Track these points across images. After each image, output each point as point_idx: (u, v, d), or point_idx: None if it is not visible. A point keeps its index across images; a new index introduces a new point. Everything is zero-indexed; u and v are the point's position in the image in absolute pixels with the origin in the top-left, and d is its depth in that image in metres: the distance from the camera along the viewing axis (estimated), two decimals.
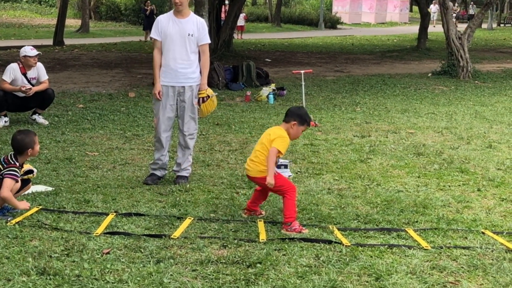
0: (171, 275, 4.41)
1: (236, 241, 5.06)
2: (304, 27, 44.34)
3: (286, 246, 4.97)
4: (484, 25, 46.84)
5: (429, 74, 18.00)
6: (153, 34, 6.85)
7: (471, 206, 6.24)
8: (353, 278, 4.47)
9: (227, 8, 24.51)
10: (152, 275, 4.39)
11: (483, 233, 5.45)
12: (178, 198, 6.20)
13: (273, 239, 5.15)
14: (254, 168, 5.54)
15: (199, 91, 6.85)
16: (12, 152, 5.82)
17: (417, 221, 5.71)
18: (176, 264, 4.62)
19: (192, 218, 5.59)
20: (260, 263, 4.64)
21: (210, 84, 7.53)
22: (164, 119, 6.83)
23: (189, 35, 6.73)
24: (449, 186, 6.95)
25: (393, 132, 9.83)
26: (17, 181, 5.68)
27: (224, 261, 4.67)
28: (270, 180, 5.33)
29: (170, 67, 6.75)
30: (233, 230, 5.37)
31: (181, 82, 6.77)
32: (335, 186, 6.81)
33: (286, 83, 15.24)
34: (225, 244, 5.01)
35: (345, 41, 32.81)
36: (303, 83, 11.24)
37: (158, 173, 6.92)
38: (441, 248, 5.04)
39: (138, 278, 4.34)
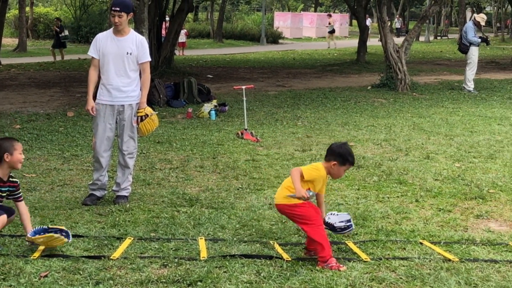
0: None
1: (176, 260, 5.03)
2: (246, 42, 44.55)
3: (227, 263, 4.96)
4: (421, 38, 47.92)
5: (369, 87, 18.26)
6: (91, 52, 6.75)
7: (409, 217, 6.35)
8: None
9: (167, 24, 24.40)
10: None
11: (421, 243, 5.55)
12: (117, 218, 6.13)
13: (214, 256, 5.13)
14: (278, 194, 5.25)
15: (137, 109, 6.79)
16: None
17: (356, 234, 5.78)
18: (116, 285, 4.56)
19: (132, 238, 5.53)
20: (201, 281, 4.62)
21: (150, 102, 7.46)
22: (103, 139, 6.74)
23: (127, 53, 6.67)
24: (388, 197, 7.06)
25: None
26: None
27: (164, 280, 4.63)
28: (298, 194, 4.91)
29: (109, 86, 6.67)
30: (173, 249, 5.33)
31: (120, 101, 6.70)
32: None
33: (228, 99, 15.25)
34: (165, 263, 4.97)
35: (286, 55, 33.08)
36: (244, 98, 11.28)
37: (97, 193, 6.82)
38: (380, 259, 5.11)
39: None
